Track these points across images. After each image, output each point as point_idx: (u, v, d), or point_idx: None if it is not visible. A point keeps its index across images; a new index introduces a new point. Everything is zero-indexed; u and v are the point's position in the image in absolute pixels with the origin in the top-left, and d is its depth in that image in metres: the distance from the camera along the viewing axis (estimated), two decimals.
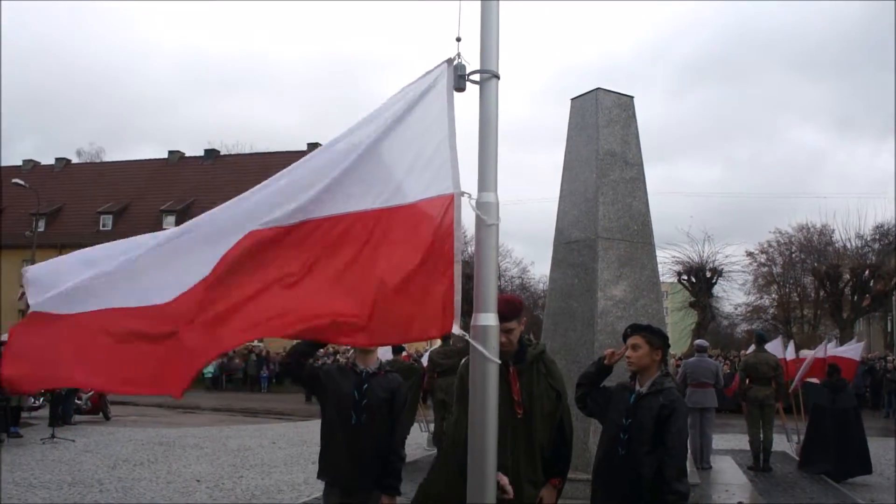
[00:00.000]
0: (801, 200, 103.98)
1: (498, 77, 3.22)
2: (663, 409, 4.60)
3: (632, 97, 10.12)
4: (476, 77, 3.24)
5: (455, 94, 3.29)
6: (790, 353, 16.19)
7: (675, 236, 56.95)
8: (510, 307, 4.46)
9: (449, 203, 3.15)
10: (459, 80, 3.26)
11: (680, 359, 23.24)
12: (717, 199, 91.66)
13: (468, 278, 3.10)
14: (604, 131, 9.71)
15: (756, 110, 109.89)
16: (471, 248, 3.26)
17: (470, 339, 3.09)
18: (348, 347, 30.65)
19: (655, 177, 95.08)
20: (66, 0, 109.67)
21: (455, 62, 3.27)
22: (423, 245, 3.15)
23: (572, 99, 10.37)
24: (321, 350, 6.73)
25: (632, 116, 10.04)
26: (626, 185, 9.73)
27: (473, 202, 3.14)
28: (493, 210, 3.13)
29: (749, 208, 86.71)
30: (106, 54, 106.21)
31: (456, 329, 3.04)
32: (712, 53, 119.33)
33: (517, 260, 59.56)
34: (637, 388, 4.78)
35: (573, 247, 9.74)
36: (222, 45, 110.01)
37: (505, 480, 4.05)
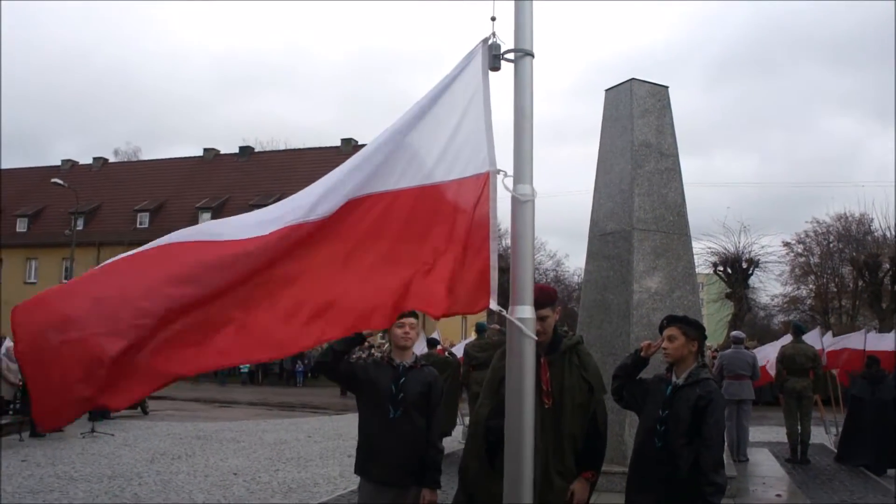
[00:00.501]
0: (838, 190, 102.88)
1: (532, 55, 3.23)
2: (700, 400, 4.58)
3: (666, 87, 10.04)
4: (511, 56, 3.25)
5: (490, 74, 3.30)
6: (828, 344, 15.97)
7: (711, 227, 56.49)
8: (544, 294, 4.48)
9: (485, 181, 3.17)
10: (494, 59, 3.27)
11: (716, 350, 23.04)
12: (753, 189, 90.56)
13: (502, 271, 3.10)
14: (638, 122, 9.65)
15: (791, 101, 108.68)
16: (505, 241, 3.25)
17: (507, 315, 3.09)
18: (383, 341, 30.73)
19: (690, 168, 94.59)
20: (103, 2, 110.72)
21: (490, 41, 3.28)
22: (459, 223, 3.17)
23: (606, 90, 10.30)
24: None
25: (666, 106, 9.96)
26: (662, 176, 9.66)
27: (509, 180, 3.15)
28: (528, 185, 3.15)
29: (786, 198, 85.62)
30: (142, 57, 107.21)
31: (493, 305, 3.04)
32: (745, 46, 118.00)
33: (551, 253, 59.47)
34: (673, 379, 4.75)
35: (608, 239, 9.69)
36: (256, 44, 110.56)
37: None
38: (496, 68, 3.28)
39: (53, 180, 42.35)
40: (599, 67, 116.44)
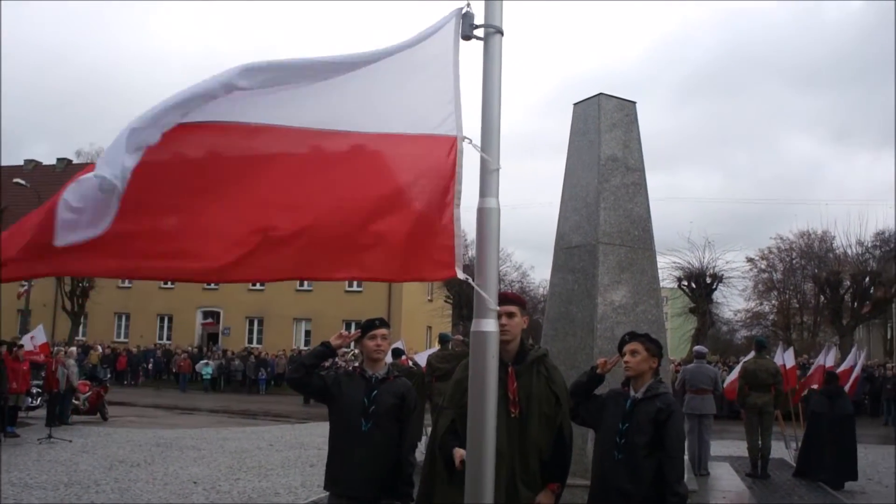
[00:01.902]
0: (800, 208, 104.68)
1: (502, 33, 3.24)
2: (660, 412, 4.66)
3: (634, 102, 10.10)
4: (480, 32, 3.25)
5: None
6: (789, 361, 16.14)
7: (676, 242, 56.84)
8: (513, 294, 4.63)
9: (451, 145, 3.17)
10: (468, 28, 3.28)
11: (679, 364, 23.19)
12: (718, 205, 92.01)
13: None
14: (605, 136, 9.69)
15: (754, 122, 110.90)
16: (470, 252, 3.24)
17: (474, 285, 3.08)
18: (349, 349, 30.54)
19: (656, 184, 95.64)
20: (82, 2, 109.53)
21: (464, 11, 3.28)
22: (422, 182, 3.14)
23: (574, 104, 10.34)
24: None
25: (633, 121, 10.01)
26: (628, 190, 9.71)
27: (477, 147, 3.16)
28: (495, 157, 3.17)
29: (749, 215, 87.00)
30: (118, 59, 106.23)
31: (459, 273, 3.04)
32: (711, 67, 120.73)
33: (517, 264, 59.51)
34: (632, 393, 4.81)
35: (574, 252, 9.71)
36: (234, 47, 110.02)
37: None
38: (468, 37, 3.29)
39: (15, 180, 41.84)
40: (568, 84, 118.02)
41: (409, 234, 3.08)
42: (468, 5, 3.30)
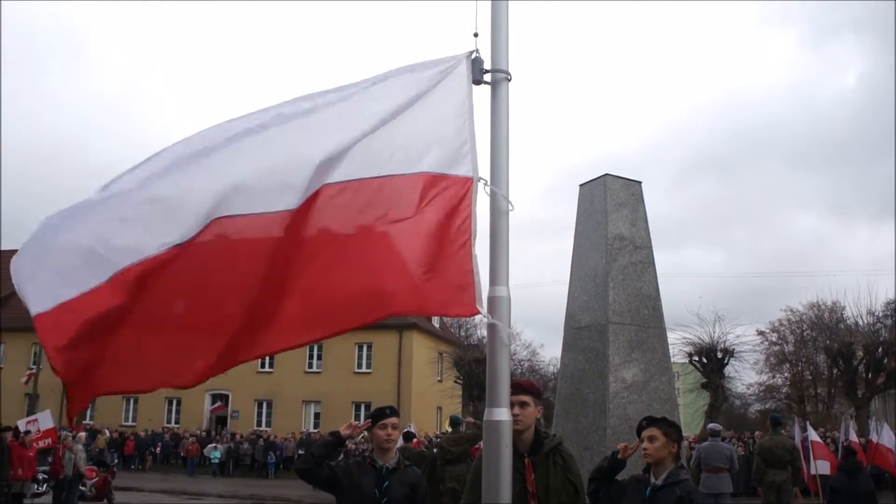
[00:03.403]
0: (806, 280, 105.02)
1: (509, 78, 3.31)
2: (680, 500, 4.57)
3: (639, 182, 10.19)
4: (488, 77, 3.33)
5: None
6: (813, 435, 15.83)
7: (685, 317, 56.55)
8: (527, 382, 4.66)
9: (468, 185, 3.24)
10: (479, 73, 3.38)
11: (694, 440, 22.87)
12: (723, 281, 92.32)
13: (478, 362, 3.10)
14: (612, 216, 9.75)
15: (753, 201, 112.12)
16: (479, 331, 3.25)
17: (488, 317, 3.12)
18: (362, 437, 30.21)
19: (660, 261, 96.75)
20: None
21: (473, 56, 3.37)
22: (442, 221, 3.21)
23: (581, 185, 10.43)
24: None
25: (640, 200, 10.09)
26: (636, 269, 9.73)
27: (489, 189, 3.25)
28: (505, 195, 3.24)
29: (755, 290, 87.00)
30: (122, 153, 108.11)
31: (481, 309, 3.04)
32: (709, 151, 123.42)
33: (526, 343, 59.24)
34: (652, 480, 4.72)
35: (584, 332, 9.68)
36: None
37: None
38: (479, 82, 3.38)
39: None
40: (570, 171, 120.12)
41: (428, 272, 3.14)
42: (476, 50, 3.40)
